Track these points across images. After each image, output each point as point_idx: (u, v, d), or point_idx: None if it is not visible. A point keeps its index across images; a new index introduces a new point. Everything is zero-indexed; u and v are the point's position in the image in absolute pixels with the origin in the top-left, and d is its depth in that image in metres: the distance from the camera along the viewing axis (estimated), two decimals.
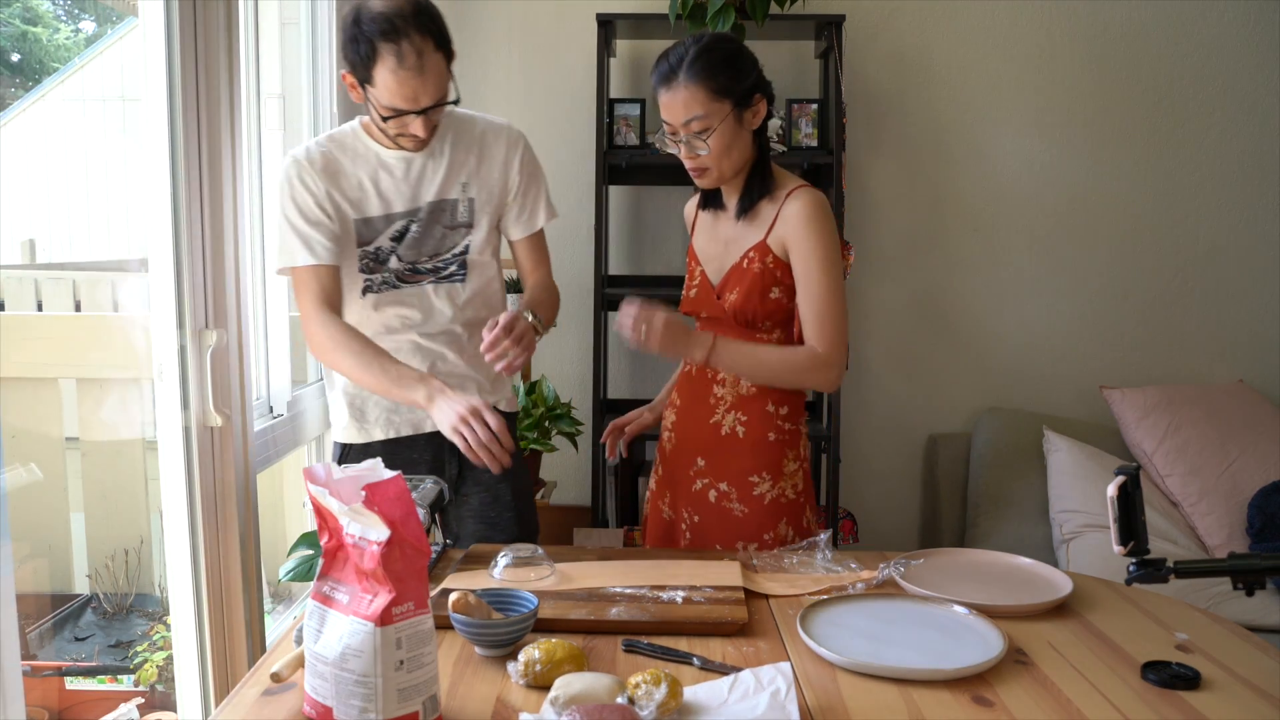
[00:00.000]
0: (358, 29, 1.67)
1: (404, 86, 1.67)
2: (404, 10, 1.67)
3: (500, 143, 1.91)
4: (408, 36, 1.65)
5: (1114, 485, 1.26)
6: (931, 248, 3.08)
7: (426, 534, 1.33)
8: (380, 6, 1.67)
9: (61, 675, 2.33)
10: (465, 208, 1.89)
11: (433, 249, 1.89)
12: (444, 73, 1.73)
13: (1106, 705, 1.14)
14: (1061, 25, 3.00)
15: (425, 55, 1.68)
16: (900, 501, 3.18)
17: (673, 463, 1.92)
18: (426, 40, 1.68)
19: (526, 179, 1.94)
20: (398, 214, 1.86)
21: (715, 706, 1.10)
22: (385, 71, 1.67)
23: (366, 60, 1.67)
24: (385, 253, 1.88)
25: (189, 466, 1.79)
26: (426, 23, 1.69)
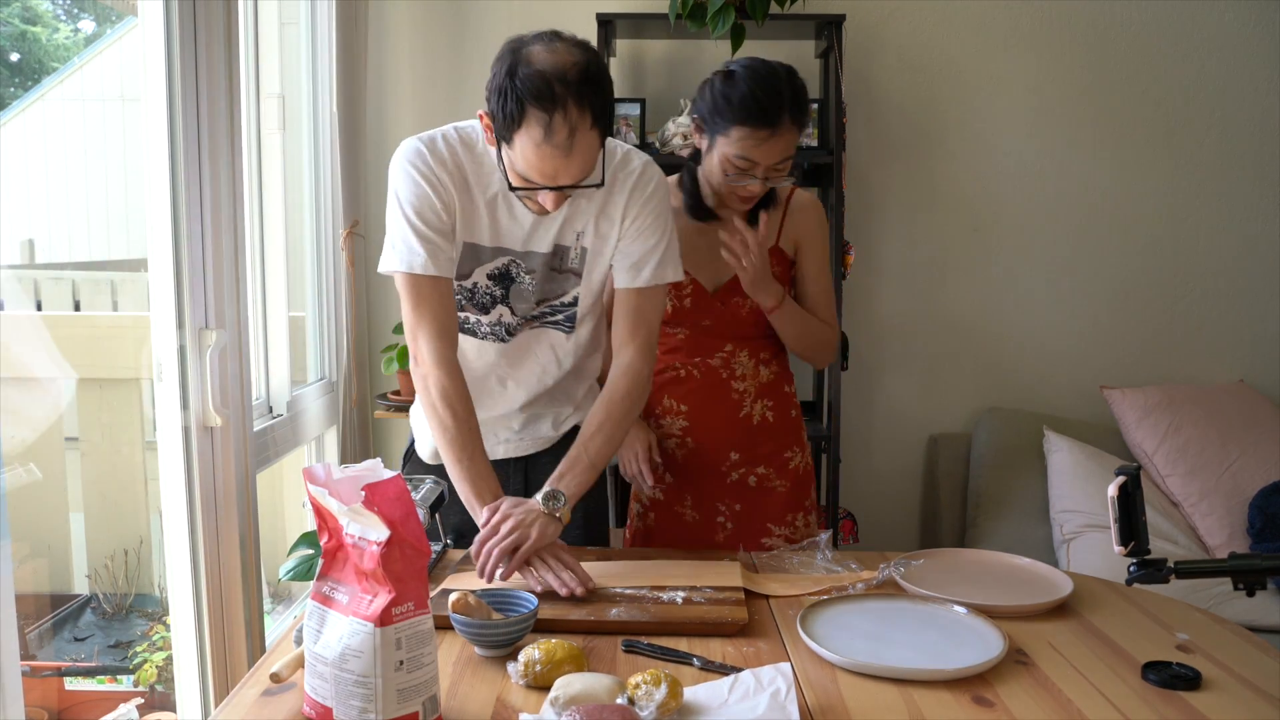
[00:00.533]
0: (510, 82, 1.42)
1: (545, 163, 1.44)
2: (568, 74, 1.41)
3: (626, 185, 1.63)
4: (564, 108, 1.40)
5: (1114, 485, 1.26)
6: (931, 248, 3.08)
7: (426, 534, 1.33)
8: (542, 63, 1.43)
9: (61, 675, 2.33)
10: (577, 255, 1.66)
11: (545, 291, 1.68)
12: (595, 152, 1.48)
13: (1107, 705, 1.14)
14: (1062, 25, 3.00)
15: (579, 133, 1.42)
16: (900, 501, 3.18)
17: (692, 466, 1.94)
18: (585, 115, 1.42)
19: (642, 224, 1.64)
20: (505, 250, 1.63)
21: (715, 707, 1.10)
22: (528, 141, 1.42)
23: (511, 120, 1.42)
24: (482, 295, 1.66)
25: (189, 466, 1.79)
26: (591, 93, 1.43)
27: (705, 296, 1.87)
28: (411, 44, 2.97)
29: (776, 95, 1.71)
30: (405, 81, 2.98)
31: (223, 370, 1.84)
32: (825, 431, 2.80)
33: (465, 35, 2.97)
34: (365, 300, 2.85)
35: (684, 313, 1.89)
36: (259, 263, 2.34)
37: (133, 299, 3.04)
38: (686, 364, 1.93)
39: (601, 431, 1.61)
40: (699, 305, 1.88)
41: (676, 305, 1.88)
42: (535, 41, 1.47)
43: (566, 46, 1.46)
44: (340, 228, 2.64)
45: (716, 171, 1.78)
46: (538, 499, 1.51)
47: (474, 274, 1.65)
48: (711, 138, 1.77)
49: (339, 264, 2.67)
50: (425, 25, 2.97)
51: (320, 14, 2.60)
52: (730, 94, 1.72)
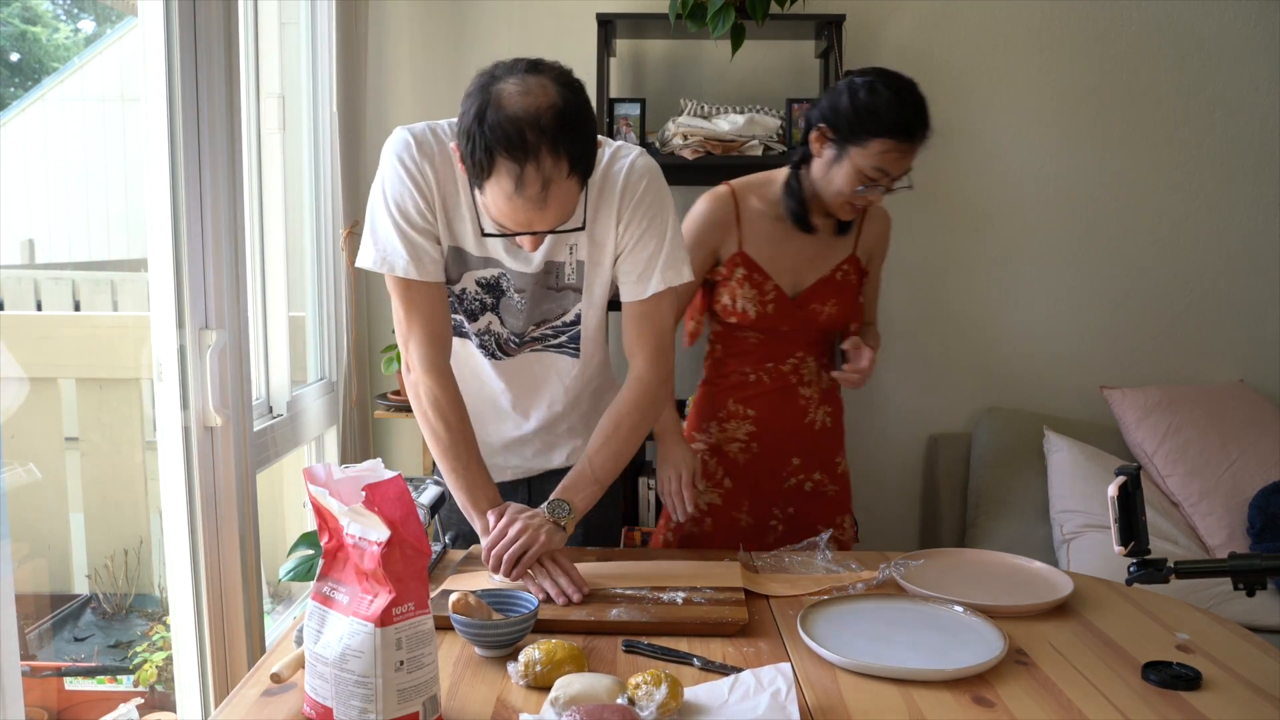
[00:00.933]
0: (478, 128, 1.29)
1: (517, 214, 1.33)
2: (542, 119, 1.27)
3: (615, 189, 1.50)
4: (537, 159, 1.28)
5: (1114, 485, 1.26)
6: (931, 248, 3.08)
7: (426, 534, 1.33)
8: (514, 106, 1.28)
9: (61, 675, 2.33)
10: (573, 270, 1.55)
11: (542, 312, 1.59)
12: (574, 199, 1.35)
13: (1107, 705, 1.14)
14: (1062, 25, 3.00)
15: (554, 184, 1.30)
16: (900, 501, 3.18)
17: (754, 471, 1.97)
18: (561, 163, 1.29)
19: (639, 232, 1.52)
20: (494, 261, 1.54)
21: (715, 707, 1.10)
22: (499, 193, 1.32)
23: (480, 169, 1.31)
24: (471, 301, 1.58)
25: (189, 466, 1.79)
26: (568, 140, 1.29)
27: (786, 302, 1.88)
28: (411, 44, 2.97)
29: (918, 107, 1.75)
30: (405, 81, 2.98)
31: (223, 370, 1.84)
32: None
33: (465, 35, 2.97)
34: (365, 300, 2.85)
35: (765, 318, 1.88)
36: (259, 263, 2.34)
37: (133, 299, 3.04)
38: (757, 369, 1.94)
39: (607, 446, 1.55)
40: (780, 310, 1.88)
41: (760, 310, 1.87)
42: (509, 76, 1.32)
43: (542, 83, 1.31)
44: (340, 228, 2.64)
45: (843, 182, 1.77)
46: (544, 507, 1.49)
47: (463, 279, 1.56)
48: (843, 148, 1.76)
49: (339, 264, 2.67)
50: (425, 25, 2.97)
51: (320, 14, 2.60)
52: (875, 105, 1.72)
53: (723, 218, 1.89)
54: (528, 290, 1.56)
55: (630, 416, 1.56)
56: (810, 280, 1.89)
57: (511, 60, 1.35)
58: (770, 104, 2.85)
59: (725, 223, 1.89)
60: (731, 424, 1.95)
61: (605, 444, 1.55)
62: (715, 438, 1.98)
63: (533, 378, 1.66)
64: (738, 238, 1.89)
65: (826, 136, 1.79)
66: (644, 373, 1.58)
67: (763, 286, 1.87)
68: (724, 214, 1.89)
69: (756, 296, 1.87)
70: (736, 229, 1.89)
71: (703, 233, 1.90)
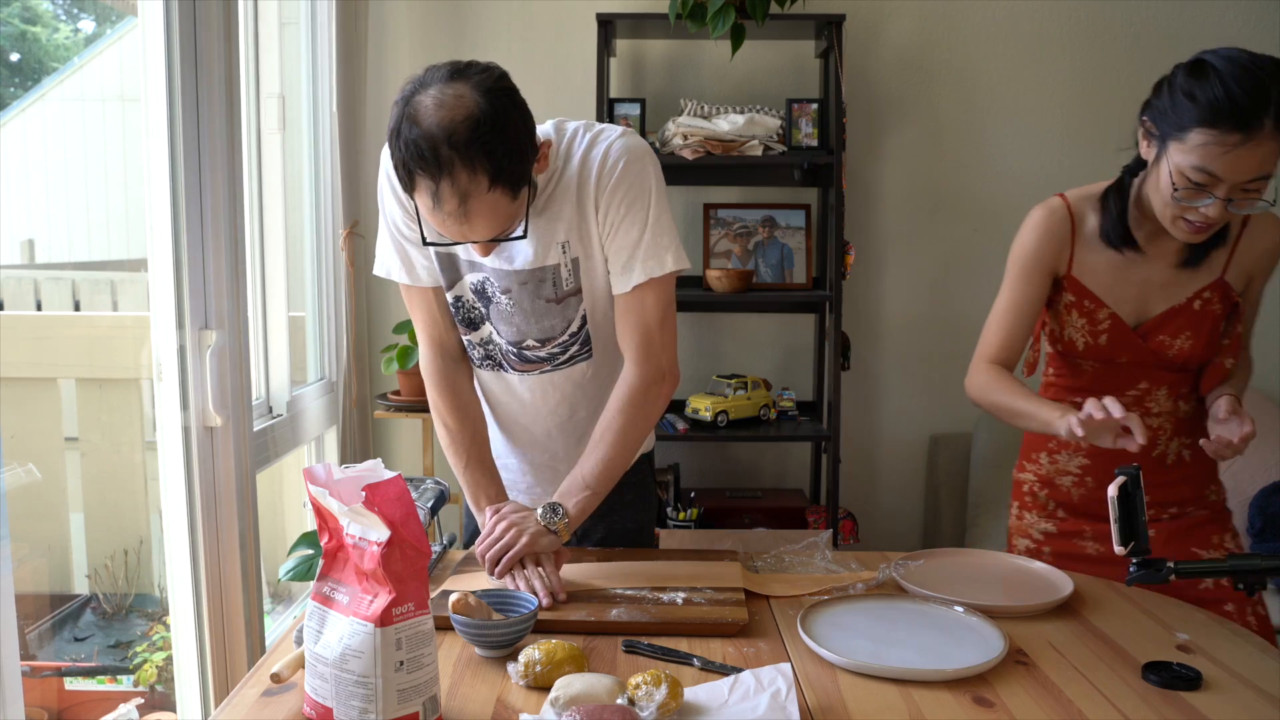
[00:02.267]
0: (395, 141, 1.28)
1: (444, 227, 1.31)
2: (456, 134, 1.23)
3: (590, 179, 1.43)
4: (450, 174, 1.24)
5: (1114, 485, 1.26)
6: (931, 247, 3.08)
7: (426, 534, 1.33)
8: (428, 120, 1.25)
9: (61, 675, 2.33)
10: (569, 271, 1.48)
11: (543, 330, 1.52)
12: (503, 209, 1.30)
13: (1107, 706, 1.14)
14: (1062, 25, 3.00)
15: (472, 198, 1.26)
16: (901, 501, 3.18)
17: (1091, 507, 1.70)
18: (477, 177, 1.25)
19: (617, 220, 1.44)
20: (477, 264, 1.49)
21: (715, 707, 1.10)
22: (423, 206, 1.31)
23: (403, 183, 1.30)
24: (469, 309, 1.54)
25: (188, 466, 1.79)
26: (484, 153, 1.24)
27: (1125, 332, 1.61)
28: (411, 44, 2.97)
29: (1257, 91, 1.33)
30: (405, 81, 2.97)
31: (222, 370, 1.84)
32: (825, 431, 2.80)
33: (465, 35, 2.97)
34: (365, 300, 2.85)
35: (1096, 349, 1.63)
36: (259, 263, 2.34)
37: (133, 299, 3.04)
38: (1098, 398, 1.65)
39: (596, 451, 1.49)
40: (1116, 341, 1.61)
41: (1089, 342, 1.63)
42: (430, 86, 1.28)
43: (459, 92, 1.26)
44: (340, 228, 2.64)
45: (1164, 188, 1.47)
46: (539, 510, 1.47)
47: (457, 286, 1.54)
48: (1162, 144, 1.47)
49: (339, 264, 2.67)
50: (425, 25, 2.97)
51: (320, 14, 2.60)
52: (1194, 88, 1.38)
53: (1059, 232, 1.63)
54: (514, 291, 1.49)
55: (617, 419, 1.49)
56: (1159, 309, 1.59)
57: (436, 66, 1.32)
58: (770, 104, 2.85)
59: (1061, 238, 1.63)
60: (1063, 455, 1.72)
61: (594, 449, 1.50)
62: (1045, 469, 1.75)
63: (549, 393, 1.60)
64: (1069, 258, 1.63)
65: (1150, 133, 1.51)
66: (629, 372, 1.51)
67: (1094, 315, 1.61)
68: (1060, 228, 1.63)
69: (1086, 326, 1.62)
70: (1070, 247, 1.63)
71: (1040, 249, 1.63)
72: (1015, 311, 1.66)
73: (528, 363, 1.56)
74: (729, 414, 2.79)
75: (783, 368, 3.12)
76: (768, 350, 3.12)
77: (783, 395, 2.94)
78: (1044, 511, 1.77)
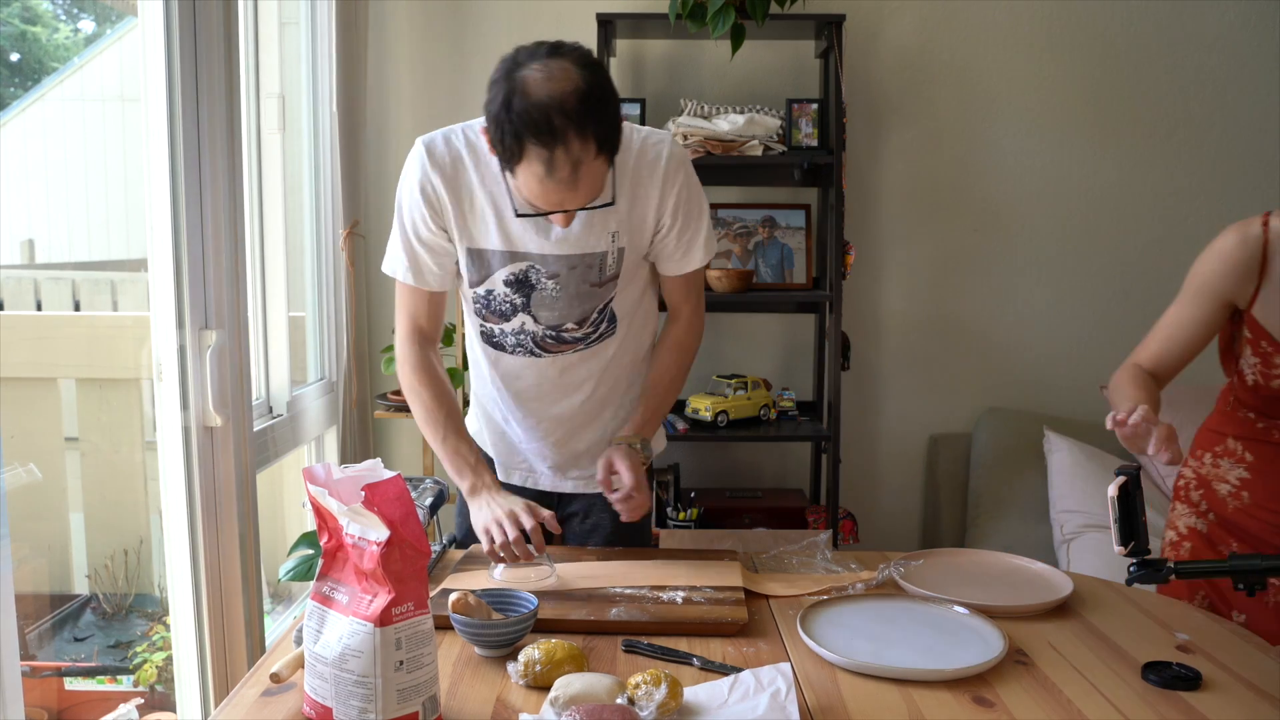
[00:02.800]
0: (506, 115, 1.33)
1: (549, 195, 1.37)
2: (567, 103, 1.31)
3: (655, 177, 1.54)
4: (565, 142, 1.31)
5: (1114, 485, 1.26)
6: (931, 247, 3.08)
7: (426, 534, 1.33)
8: (539, 92, 1.31)
9: (61, 676, 2.33)
10: (615, 259, 1.57)
11: (582, 312, 1.59)
12: (603, 176, 1.40)
13: (1107, 706, 1.14)
14: (1062, 25, 3.00)
15: (583, 165, 1.34)
16: (900, 501, 3.18)
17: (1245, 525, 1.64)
18: (589, 144, 1.33)
19: (682, 219, 1.58)
20: (519, 255, 1.55)
21: (715, 707, 1.10)
22: (530, 177, 1.36)
23: (510, 155, 1.35)
24: (500, 302, 1.59)
25: (189, 466, 1.79)
26: (594, 120, 1.33)
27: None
28: (411, 44, 2.97)
29: None
30: (405, 81, 2.98)
31: (222, 370, 1.84)
32: (825, 432, 2.80)
33: (465, 35, 2.97)
34: (365, 300, 2.85)
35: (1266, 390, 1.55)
36: (259, 263, 2.34)
37: (133, 299, 3.04)
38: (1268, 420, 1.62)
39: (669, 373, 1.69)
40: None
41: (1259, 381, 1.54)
42: (531, 62, 1.35)
43: (564, 66, 1.34)
44: (340, 228, 2.64)
45: None
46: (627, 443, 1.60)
47: (487, 281, 1.58)
48: None
49: (339, 264, 2.67)
50: (425, 25, 2.97)
51: (320, 14, 2.60)
52: None
53: (1245, 265, 1.52)
54: (562, 276, 1.56)
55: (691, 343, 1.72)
56: None
57: (533, 45, 1.38)
58: (770, 104, 2.85)
59: (1246, 271, 1.52)
60: (1225, 463, 1.66)
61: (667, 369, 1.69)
62: (1206, 470, 1.71)
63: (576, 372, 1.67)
64: (1252, 294, 1.51)
65: None
66: (691, 315, 1.72)
67: (1270, 359, 1.50)
68: (1247, 262, 1.52)
69: (1259, 366, 1.53)
70: (1255, 282, 1.51)
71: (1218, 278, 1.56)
72: (1175, 329, 1.60)
73: (563, 343, 1.63)
74: (729, 414, 2.79)
75: (783, 368, 3.12)
76: (768, 350, 3.12)
77: (783, 395, 2.94)
78: (1195, 509, 1.72)
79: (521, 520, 1.47)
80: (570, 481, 1.76)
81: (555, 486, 1.77)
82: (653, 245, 1.62)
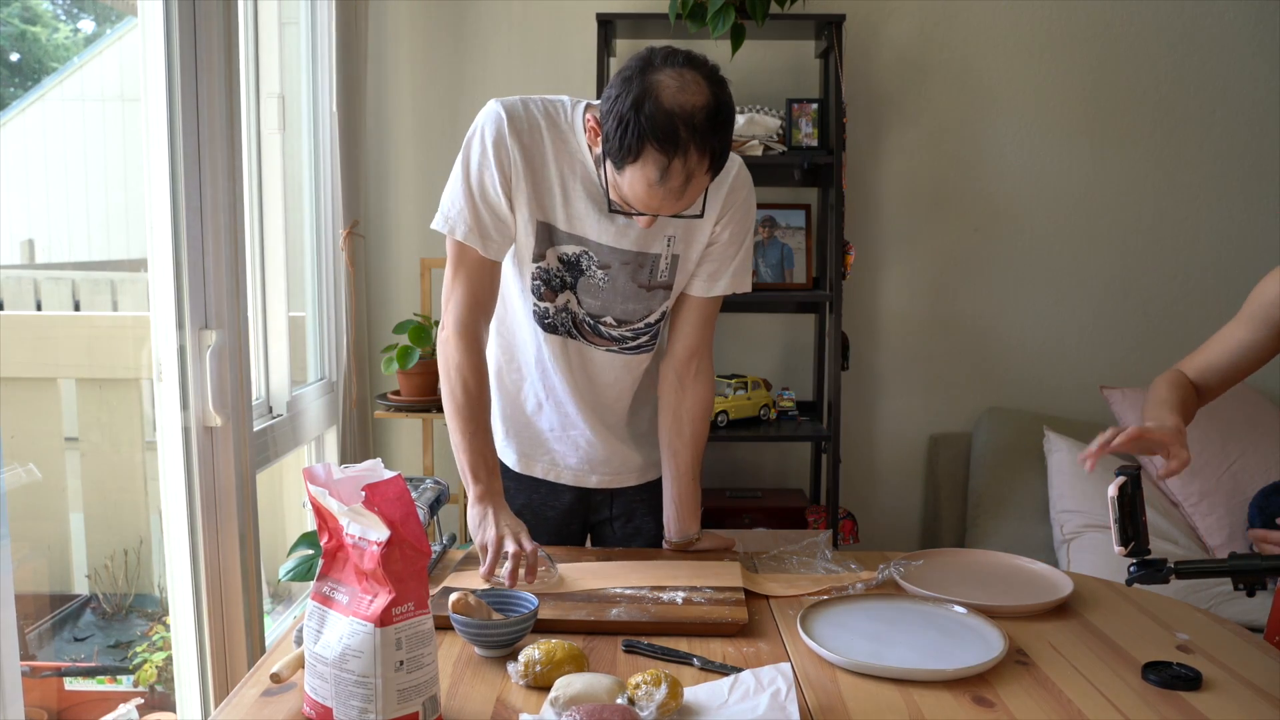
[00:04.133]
0: (634, 116, 1.33)
1: (653, 200, 1.38)
2: (696, 117, 1.32)
3: (722, 189, 1.57)
4: (684, 155, 1.33)
5: (1114, 485, 1.26)
6: (932, 248, 3.08)
7: (426, 534, 1.33)
8: (671, 101, 1.32)
9: (61, 676, 2.33)
10: (668, 265, 1.58)
11: (625, 312, 1.61)
12: (702, 192, 1.43)
13: (1107, 706, 1.14)
14: (1062, 25, 3.00)
15: (695, 179, 1.37)
16: (900, 501, 3.18)
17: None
18: (705, 160, 1.35)
19: (729, 233, 1.59)
20: (578, 238, 1.55)
21: (715, 707, 1.10)
22: (640, 179, 1.36)
23: (627, 153, 1.35)
24: (555, 277, 1.58)
25: (189, 466, 1.79)
26: (716, 139, 1.35)
27: None
28: (411, 44, 2.97)
29: None
30: (405, 81, 2.98)
31: (222, 370, 1.84)
32: (825, 431, 2.80)
33: (465, 35, 2.97)
34: (365, 300, 2.85)
35: None
36: (259, 263, 2.34)
37: (133, 299, 3.04)
38: None
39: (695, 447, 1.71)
40: None
41: None
42: (665, 67, 1.36)
43: (697, 79, 1.36)
44: (340, 228, 2.64)
45: None
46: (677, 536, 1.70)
47: (547, 255, 1.57)
48: None
49: (339, 264, 2.67)
50: (425, 25, 2.97)
51: (320, 14, 2.60)
52: None
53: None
54: (613, 268, 1.57)
55: (709, 412, 1.71)
56: None
57: (666, 50, 1.38)
58: (770, 104, 2.85)
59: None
60: None
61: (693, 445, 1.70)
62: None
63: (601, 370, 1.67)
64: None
65: None
66: (710, 374, 1.70)
67: None
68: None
69: None
70: None
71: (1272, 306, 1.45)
72: (1225, 347, 1.54)
73: (600, 337, 1.63)
74: (729, 414, 2.79)
75: (783, 368, 3.12)
76: (768, 350, 3.12)
77: (783, 395, 2.94)
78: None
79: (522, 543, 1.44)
80: (596, 476, 1.75)
81: (579, 481, 1.76)
82: (700, 262, 1.61)
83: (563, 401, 1.69)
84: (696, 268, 1.62)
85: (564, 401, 1.69)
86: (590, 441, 1.72)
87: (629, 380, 1.68)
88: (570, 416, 1.70)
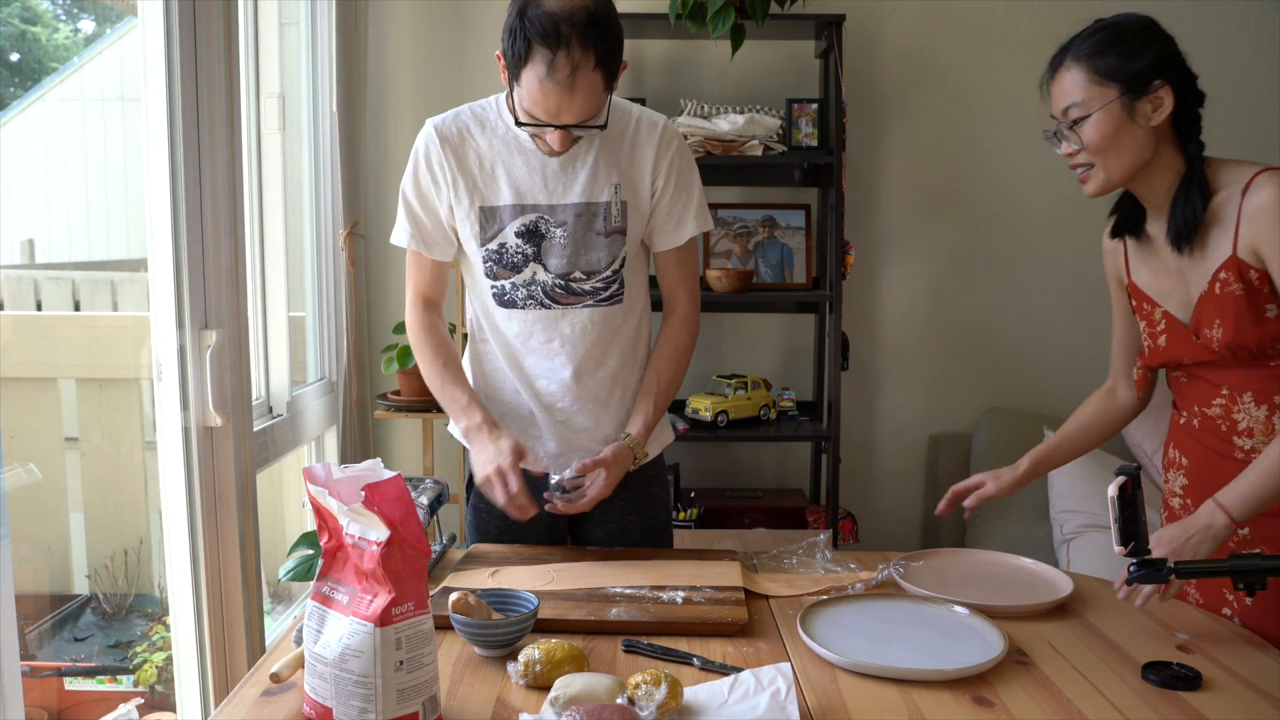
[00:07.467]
0: (519, 21, 1.49)
1: (547, 99, 1.50)
2: (576, 16, 1.47)
3: (651, 141, 1.69)
4: (567, 47, 1.46)
5: (1114, 485, 1.26)
6: (931, 247, 3.08)
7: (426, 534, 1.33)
8: (552, 5, 1.48)
9: (61, 676, 2.33)
10: (619, 211, 1.68)
11: (590, 262, 1.68)
12: (598, 93, 1.53)
13: (1107, 706, 1.14)
14: (1062, 24, 2.98)
15: (580, 72, 1.48)
16: (900, 501, 3.18)
17: None
18: (588, 55, 1.48)
19: (675, 184, 1.71)
20: (529, 206, 1.66)
21: (715, 707, 1.10)
22: (532, 78, 1.49)
23: (519, 58, 1.49)
24: (513, 254, 1.68)
25: (189, 467, 1.79)
26: (595, 36, 1.48)
27: (1179, 331, 1.50)
28: (411, 44, 2.97)
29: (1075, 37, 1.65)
30: (405, 81, 2.98)
31: (222, 370, 1.84)
32: (825, 431, 2.80)
33: (465, 35, 2.97)
34: (365, 300, 2.85)
35: (1159, 352, 1.54)
36: (259, 263, 2.34)
37: (133, 299, 3.04)
38: (1188, 412, 1.56)
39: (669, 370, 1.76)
40: (1174, 342, 1.51)
41: (1152, 345, 1.54)
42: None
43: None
44: (340, 228, 2.64)
45: None
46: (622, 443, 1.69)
47: (499, 236, 1.67)
48: None
49: (339, 264, 2.67)
50: (425, 25, 2.97)
51: (320, 14, 2.60)
52: None
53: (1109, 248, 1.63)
54: (569, 224, 1.67)
55: (687, 343, 1.79)
56: (1194, 298, 1.47)
57: None
58: (770, 104, 2.85)
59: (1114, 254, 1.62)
60: (1171, 473, 1.61)
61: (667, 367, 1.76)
62: (1164, 487, 1.65)
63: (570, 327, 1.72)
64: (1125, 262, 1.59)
65: None
66: (688, 308, 1.79)
67: (1151, 316, 1.54)
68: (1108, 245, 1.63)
69: (1147, 329, 1.55)
70: (1125, 257, 1.59)
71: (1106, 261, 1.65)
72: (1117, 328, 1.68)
73: (573, 295, 1.69)
74: (729, 414, 2.79)
75: (783, 368, 3.12)
76: (768, 350, 3.12)
77: (783, 395, 2.94)
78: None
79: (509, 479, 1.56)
80: (570, 471, 1.75)
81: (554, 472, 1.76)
82: (651, 215, 1.72)
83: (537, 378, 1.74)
84: (655, 222, 1.72)
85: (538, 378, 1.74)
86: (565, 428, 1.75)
87: (608, 338, 1.74)
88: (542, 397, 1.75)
